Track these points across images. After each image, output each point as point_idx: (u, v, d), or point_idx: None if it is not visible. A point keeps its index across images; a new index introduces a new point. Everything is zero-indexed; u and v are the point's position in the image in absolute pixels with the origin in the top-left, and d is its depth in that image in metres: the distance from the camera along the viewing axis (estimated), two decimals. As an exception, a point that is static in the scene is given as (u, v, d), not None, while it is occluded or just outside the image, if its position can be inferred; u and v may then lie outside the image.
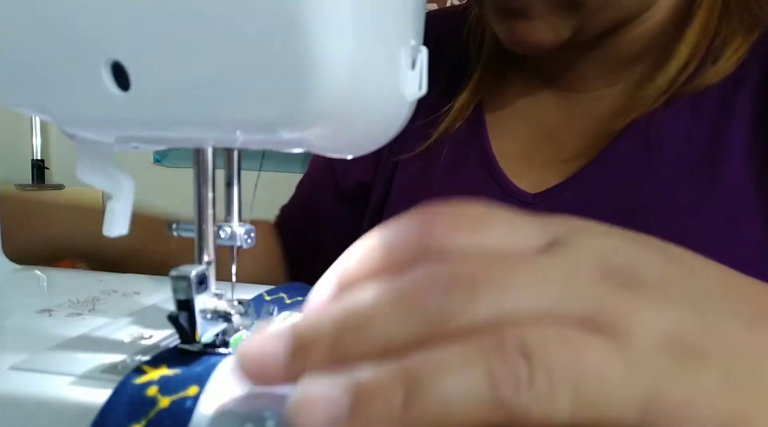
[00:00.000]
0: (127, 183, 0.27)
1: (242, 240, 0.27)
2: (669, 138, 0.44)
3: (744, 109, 0.43)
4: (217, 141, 0.25)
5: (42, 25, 0.22)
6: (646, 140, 0.45)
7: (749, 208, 0.42)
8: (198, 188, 0.26)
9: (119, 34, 0.21)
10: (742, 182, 0.42)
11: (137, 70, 0.21)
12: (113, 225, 0.26)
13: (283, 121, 0.21)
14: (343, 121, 0.22)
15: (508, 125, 0.53)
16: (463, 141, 0.53)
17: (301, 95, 0.20)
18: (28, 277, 0.42)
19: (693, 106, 0.44)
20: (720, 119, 0.43)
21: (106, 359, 0.25)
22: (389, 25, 0.22)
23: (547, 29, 0.42)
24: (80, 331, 0.29)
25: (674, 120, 0.44)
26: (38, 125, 1.49)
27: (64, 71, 0.22)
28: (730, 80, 0.43)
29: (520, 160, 0.51)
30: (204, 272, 0.25)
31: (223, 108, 0.21)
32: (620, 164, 0.45)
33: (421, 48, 0.25)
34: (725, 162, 0.42)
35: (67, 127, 0.25)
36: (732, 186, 0.42)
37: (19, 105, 0.25)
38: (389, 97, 0.24)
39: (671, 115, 0.44)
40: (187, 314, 0.24)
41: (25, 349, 0.26)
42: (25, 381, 0.23)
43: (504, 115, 0.54)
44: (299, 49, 0.19)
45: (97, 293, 0.36)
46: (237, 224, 0.27)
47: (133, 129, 0.24)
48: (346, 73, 0.20)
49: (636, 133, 0.45)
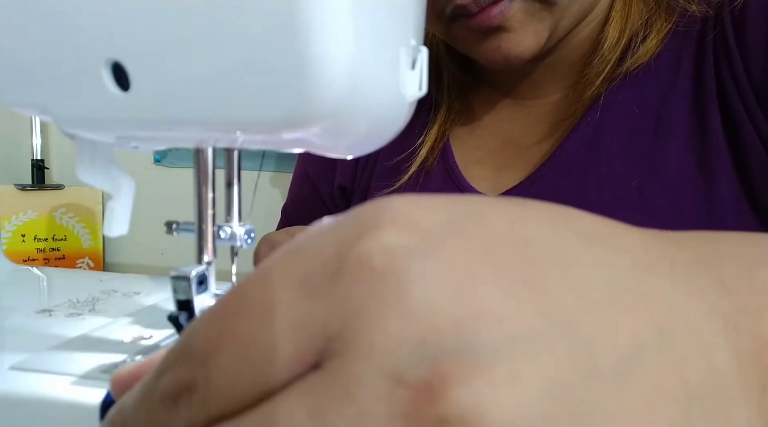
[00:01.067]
0: (127, 183, 0.27)
1: (242, 240, 0.27)
2: (613, 130, 0.47)
3: (682, 92, 0.45)
4: (217, 141, 0.25)
5: (42, 25, 0.22)
6: (594, 135, 0.47)
7: (692, 190, 0.43)
8: (198, 188, 0.26)
9: (119, 34, 0.21)
10: (684, 165, 0.44)
11: (137, 70, 0.21)
12: (113, 225, 0.26)
13: (283, 121, 0.21)
14: (343, 121, 0.22)
15: (471, 136, 0.56)
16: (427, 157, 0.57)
17: (301, 95, 0.20)
18: (28, 277, 0.42)
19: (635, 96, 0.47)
20: (661, 106, 0.46)
21: (106, 359, 0.25)
22: (389, 25, 0.22)
23: (528, 37, 0.44)
24: (80, 331, 0.29)
25: (617, 112, 0.47)
26: (38, 125, 1.49)
27: (64, 71, 0.22)
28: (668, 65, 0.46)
29: (481, 166, 0.54)
30: (204, 272, 0.25)
31: (223, 108, 0.21)
32: (572, 160, 0.48)
33: (421, 48, 0.25)
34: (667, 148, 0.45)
35: (67, 127, 0.25)
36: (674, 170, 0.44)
37: (19, 105, 0.25)
38: (389, 97, 0.24)
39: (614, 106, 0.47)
40: (187, 314, 0.24)
41: (25, 349, 0.26)
42: (25, 381, 0.23)
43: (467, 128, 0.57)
44: (299, 49, 0.19)
45: (97, 293, 0.36)
46: (237, 224, 0.27)
47: (133, 129, 0.24)
48: (346, 73, 0.20)
49: (584, 130, 0.48)
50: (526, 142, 0.52)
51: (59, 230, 1.48)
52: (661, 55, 0.46)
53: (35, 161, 1.50)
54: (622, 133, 0.47)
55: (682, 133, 0.45)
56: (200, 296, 0.25)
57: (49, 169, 1.53)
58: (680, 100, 0.45)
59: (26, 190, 1.46)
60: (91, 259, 1.51)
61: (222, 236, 0.27)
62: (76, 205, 1.49)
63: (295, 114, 0.20)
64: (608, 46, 0.47)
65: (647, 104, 0.46)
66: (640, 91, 0.47)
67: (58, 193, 1.49)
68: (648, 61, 0.46)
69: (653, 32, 0.46)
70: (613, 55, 0.47)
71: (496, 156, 0.54)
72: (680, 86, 0.45)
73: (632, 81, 0.47)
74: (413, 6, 0.24)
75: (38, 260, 1.46)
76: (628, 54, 0.47)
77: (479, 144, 0.55)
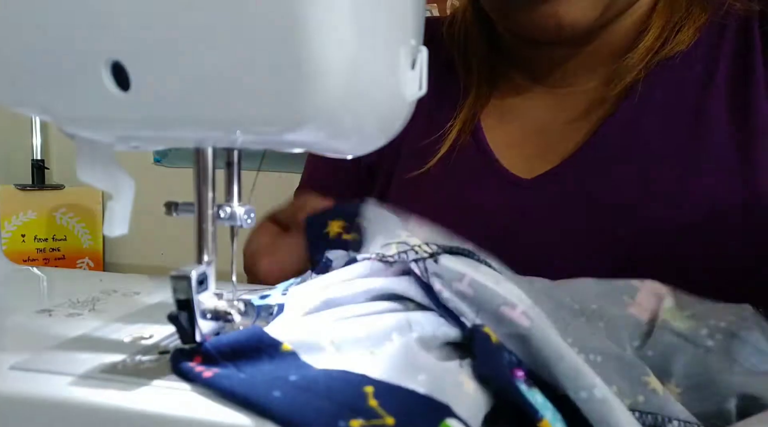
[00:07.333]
0: (127, 183, 0.27)
1: (242, 220, 0.27)
2: (652, 117, 0.47)
3: (722, 82, 0.46)
4: (217, 141, 0.25)
5: (42, 25, 0.22)
6: (632, 121, 0.48)
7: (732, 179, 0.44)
8: (198, 188, 0.26)
9: (119, 34, 0.21)
10: (724, 153, 0.44)
11: (137, 70, 0.21)
12: (113, 225, 0.26)
13: (283, 121, 0.21)
14: (344, 121, 0.22)
15: (501, 121, 0.55)
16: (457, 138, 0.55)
17: (302, 95, 0.20)
18: (28, 277, 0.42)
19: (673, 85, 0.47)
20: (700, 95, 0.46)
21: (106, 359, 0.25)
22: (389, 25, 0.22)
23: (585, 6, 0.44)
24: (80, 331, 0.29)
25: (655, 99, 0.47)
26: (38, 125, 1.49)
27: (64, 71, 0.22)
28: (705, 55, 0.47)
29: (513, 150, 0.53)
30: (204, 272, 0.25)
31: (223, 108, 0.21)
32: (609, 146, 0.48)
33: (421, 48, 0.25)
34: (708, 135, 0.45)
35: (67, 127, 0.25)
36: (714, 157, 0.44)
37: (19, 105, 0.25)
38: (389, 97, 0.24)
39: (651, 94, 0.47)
40: (187, 314, 0.24)
41: (25, 349, 0.26)
42: (25, 381, 0.23)
43: (497, 113, 0.56)
44: (299, 49, 0.19)
45: (97, 293, 0.36)
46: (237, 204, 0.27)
47: (133, 129, 0.24)
48: (346, 73, 0.20)
49: (622, 116, 0.48)
50: (557, 129, 0.52)
51: (59, 230, 1.48)
52: (697, 46, 0.47)
53: (35, 161, 1.50)
54: (660, 119, 0.47)
55: (723, 122, 0.45)
56: (200, 295, 0.25)
57: (49, 169, 1.53)
58: (720, 90, 0.46)
59: (26, 190, 1.47)
60: (91, 259, 1.51)
61: (222, 216, 0.26)
62: (76, 205, 1.49)
63: (295, 114, 0.20)
64: (653, 34, 0.47)
65: (686, 92, 0.47)
66: (677, 80, 0.47)
67: (58, 193, 1.49)
68: (685, 50, 0.47)
69: (690, 21, 0.47)
70: (657, 43, 0.47)
71: (526, 142, 0.53)
72: (720, 77, 0.46)
73: (669, 70, 0.47)
74: (413, 6, 0.24)
75: (38, 260, 1.46)
76: (666, 43, 0.47)
77: (509, 130, 0.54)
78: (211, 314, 0.25)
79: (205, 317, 0.25)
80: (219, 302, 0.26)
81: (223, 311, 0.25)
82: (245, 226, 0.27)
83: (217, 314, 0.25)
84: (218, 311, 0.25)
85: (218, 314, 0.25)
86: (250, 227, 0.27)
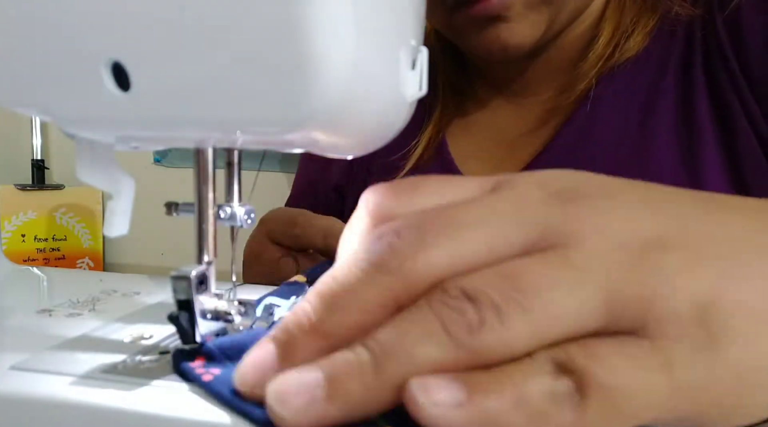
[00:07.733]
0: (127, 183, 0.27)
1: (242, 220, 0.27)
2: (603, 123, 0.49)
3: (669, 88, 0.47)
4: (217, 141, 0.25)
5: (42, 25, 0.22)
6: (585, 128, 0.49)
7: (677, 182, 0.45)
8: (198, 188, 0.26)
9: (119, 34, 0.21)
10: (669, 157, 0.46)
11: (137, 70, 0.21)
12: (113, 225, 0.26)
13: (283, 121, 0.21)
14: (343, 121, 0.22)
15: (466, 133, 0.57)
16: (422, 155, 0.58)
17: (301, 95, 0.20)
18: (28, 277, 0.42)
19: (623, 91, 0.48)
20: (648, 100, 0.47)
21: (106, 359, 0.25)
22: (389, 25, 0.22)
23: (526, 28, 0.45)
24: (80, 331, 0.29)
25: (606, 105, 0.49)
26: (38, 125, 1.49)
27: (64, 71, 0.22)
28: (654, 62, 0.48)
29: (476, 161, 0.55)
30: (204, 272, 0.25)
31: (223, 108, 0.21)
32: (565, 152, 0.49)
33: (421, 48, 0.25)
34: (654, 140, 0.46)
35: (67, 127, 0.25)
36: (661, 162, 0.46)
37: (19, 105, 0.25)
38: (389, 97, 0.24)
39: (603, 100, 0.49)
40: (187, 314, 0.24)
41: (25, 349, 0.26)
42: (25, 381, 0.23)
43: (461, 125, 0.58)
44: (299, 49, 0.19)
45: (97, 293, 0.36)
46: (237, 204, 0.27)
47: (133, 129, 0.24)
48: (346, 73, 0.20)
49: (576, 123, 0.50)
50: (519, 137, 0.54)
51: (59, 230, 1.48)
52: (647, 52, 0.48)
53: (35, 161, 1.50)
54: (611, 126, 0.48)
55: (669, 126, 0.46)
56: (200, 295, 0.25)
57: (49, 169, 1.53)
58: (667, 95, 0.47)
59: (26, 190, 1.46)
60: (91, 259, 1.51)
61: (222, 216, 0.26)
62: (76, 205, 1.49)
63: (295, 114, 0.20)
64: (603, 41, 0.48)
65: (635, 98, 0.48)
66: (627, 86, 0.48)
67: (58, 193, 1.49)
68: (635, 56, 0.48)
69: (639, 28, 0.48)
70: (607, 49, 0.48)
71: (490, 151, 0.55)
72: (667, 82, 0.47)
73: (621, 76, 0.48)
74: (413, 6, 0.24)
75: (38, 260, 1.46)
76: (617, 49, 0.48)
77: (474, 141, 0.56)
78: (211, 315, 0.25)
79: (205, 317, 0.25)
80: (219, 303, 0.26)
81: (223, 312, 0.25)
82: (245, 226, 0.27)
83: (217, 315, 0.25)
84: (218, 312, 0.25)
85: (218, 315, 0.25)
86: (250, 228, 0.27)
